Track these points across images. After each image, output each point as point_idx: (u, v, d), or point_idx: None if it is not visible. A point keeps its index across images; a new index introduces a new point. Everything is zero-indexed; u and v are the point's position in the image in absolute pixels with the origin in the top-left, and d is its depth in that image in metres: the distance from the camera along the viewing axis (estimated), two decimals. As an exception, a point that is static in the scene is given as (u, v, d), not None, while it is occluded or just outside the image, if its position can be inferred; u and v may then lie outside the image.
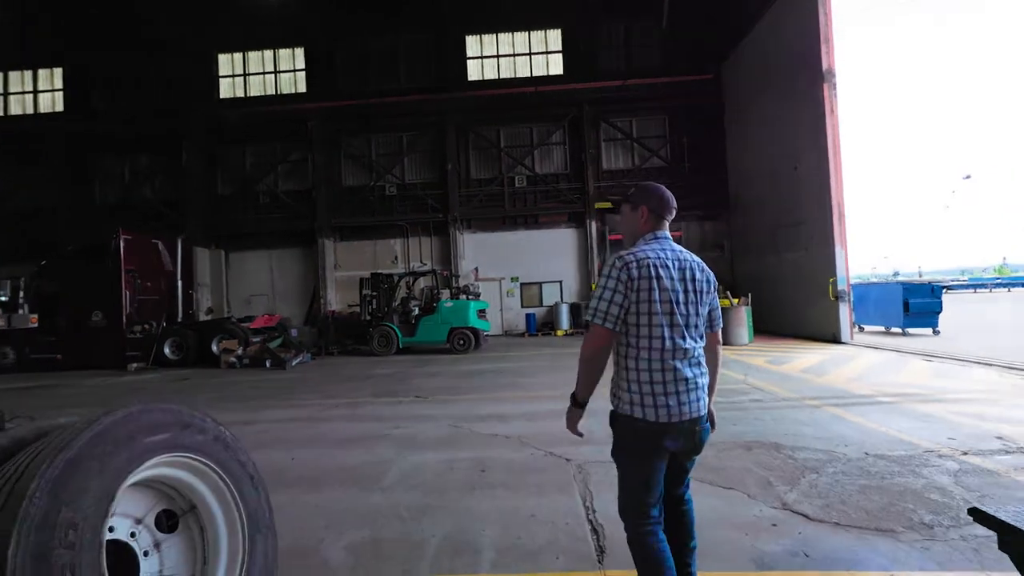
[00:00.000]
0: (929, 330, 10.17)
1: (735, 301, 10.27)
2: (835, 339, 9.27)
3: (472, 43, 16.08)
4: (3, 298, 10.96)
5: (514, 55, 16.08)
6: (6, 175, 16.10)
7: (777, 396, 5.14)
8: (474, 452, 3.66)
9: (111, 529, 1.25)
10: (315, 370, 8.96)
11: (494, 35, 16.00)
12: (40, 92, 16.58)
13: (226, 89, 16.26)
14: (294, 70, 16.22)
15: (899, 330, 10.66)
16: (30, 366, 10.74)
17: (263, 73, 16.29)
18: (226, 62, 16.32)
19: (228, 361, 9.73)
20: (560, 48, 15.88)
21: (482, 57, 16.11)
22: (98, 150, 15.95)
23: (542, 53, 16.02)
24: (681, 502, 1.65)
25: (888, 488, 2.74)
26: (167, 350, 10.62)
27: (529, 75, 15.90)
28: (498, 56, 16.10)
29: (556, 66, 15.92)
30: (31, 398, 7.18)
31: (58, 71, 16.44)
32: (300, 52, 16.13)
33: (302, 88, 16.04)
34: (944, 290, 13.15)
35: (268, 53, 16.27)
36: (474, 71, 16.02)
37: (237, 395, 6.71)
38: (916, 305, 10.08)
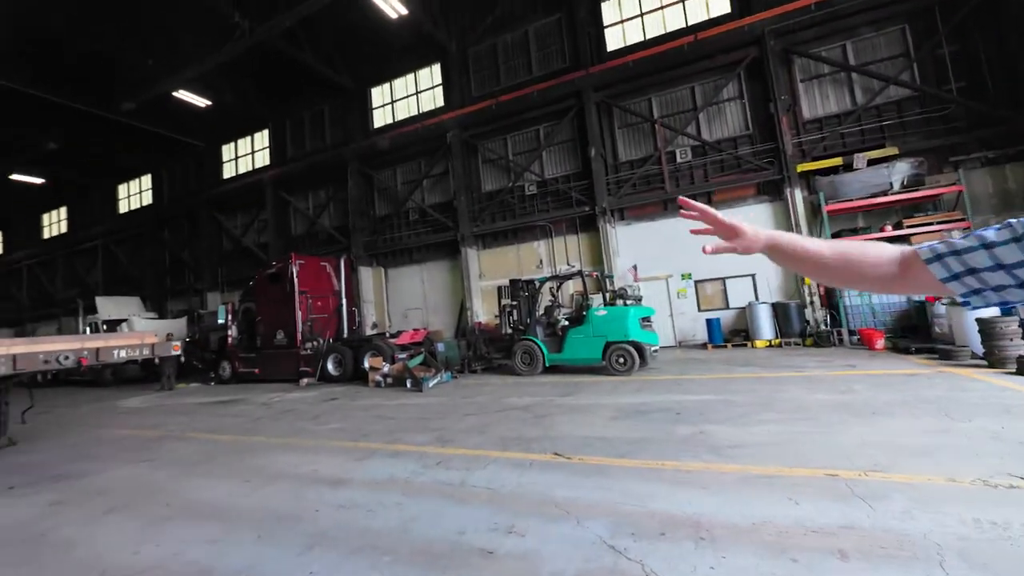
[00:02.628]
0: None
1: None
2: None
3: (609, 9, 13.84)
4: (220, 320, 13.06)
5: (662, 7, 13.24)
6: (240, 220, 20.29)
7: None
8: None
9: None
10: (449, 393, 7.81)
11: (636, -10, 13.47)
12: (256, 152, 20.45)
13: (379, 118, 17.38)
14: (432, 87, 16.40)
15: None
16: (241, 378, 12.40)
17: (406, 96, 16.91)
18: (377, 94, 17.47)
19: (374, 380, 9.41)
20: (725, -20, 12.42)
21: (622, 21, 13.72)
22: (292, 190, 18.72)
23: (700, -7, 12.79)
24: None
25: None
26: (330, 366, 11.01)
27: (684, 25, 12.85)
28: (642, 15, 13.48)
29: (720, 5, 12.50)
30: (192, 416, 7.53)
31: (265, 132, 20.04)
32: (436, 68, 16.23)
33: (440, 103, 16.08)
34: None
35: (410, 77, 16.84)
36: (614, 40, 13.72)
37: (358, 428, 5.79)
38: None
